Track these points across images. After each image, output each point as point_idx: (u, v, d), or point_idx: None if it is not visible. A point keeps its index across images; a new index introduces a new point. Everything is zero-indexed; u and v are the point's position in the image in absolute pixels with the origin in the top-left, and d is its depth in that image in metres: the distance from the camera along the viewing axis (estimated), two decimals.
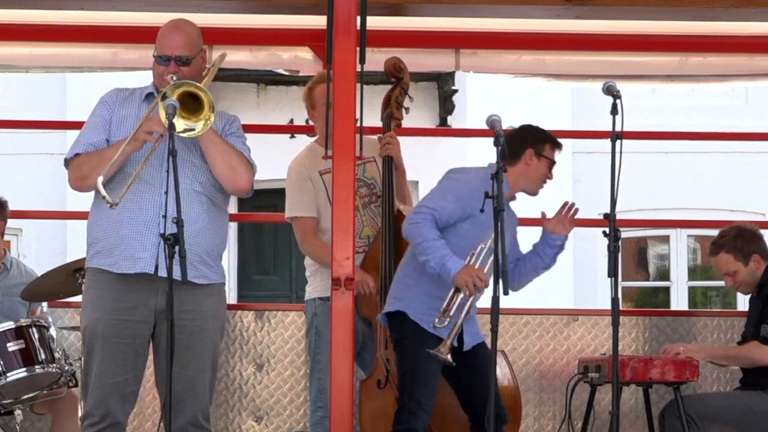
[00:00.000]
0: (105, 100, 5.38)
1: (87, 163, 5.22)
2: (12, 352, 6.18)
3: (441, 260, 5.46)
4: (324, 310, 6.08)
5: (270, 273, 14.37)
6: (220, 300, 5.38)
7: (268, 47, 7.41)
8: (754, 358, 6.34)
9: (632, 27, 7.17)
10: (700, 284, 14.81)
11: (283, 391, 7.10)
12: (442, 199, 5.62)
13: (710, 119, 13.05)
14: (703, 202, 13.92)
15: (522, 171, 5.79)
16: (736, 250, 6.52)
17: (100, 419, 5.18)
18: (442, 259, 5.46)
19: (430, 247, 5.49)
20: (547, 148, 5.83)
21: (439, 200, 5.63)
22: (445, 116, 13.86)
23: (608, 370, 6.07)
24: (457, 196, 5.61)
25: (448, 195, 5.64)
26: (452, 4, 6.45)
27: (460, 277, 5.43)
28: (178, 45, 5.26)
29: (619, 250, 5.11)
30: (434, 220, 5.56)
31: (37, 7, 6.81)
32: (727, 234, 6.60)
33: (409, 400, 5.58)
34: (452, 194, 5.64)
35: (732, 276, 6.56)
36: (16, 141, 13.24)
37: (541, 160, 5.81)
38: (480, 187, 5.31)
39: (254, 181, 5.36)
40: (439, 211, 5.57)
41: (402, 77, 6.40)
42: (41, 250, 13.27)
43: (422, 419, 5.59)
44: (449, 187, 5.70)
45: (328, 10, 5.66)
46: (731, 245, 6.53)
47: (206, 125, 5.08)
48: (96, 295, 5.24)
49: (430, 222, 5.55)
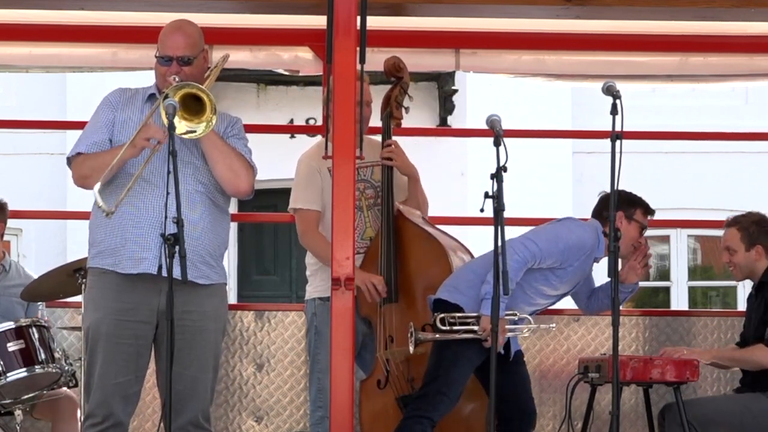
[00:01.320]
0: (109, 99, 5.38)
1: (87, 163, 5.23)
2: (12, 352, 6.18)
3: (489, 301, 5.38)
4: (323, 310, 6.08)
5: (270, 273, 14.36)
6: (222, 300, 5.38)
7: (268, 47, 7.41)
8: (760, 361, 6.33)
9: (632, 27, 7.17)
10: (700, 284, 14.81)
11: (283, 391, 7.10)
12: (551, 247, 5.80)
13: (710, 119, 13.05)
14: (703, 202, 13.92)
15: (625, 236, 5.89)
16: (747, 232, 6.54)
17: (103, 419, 5.18)
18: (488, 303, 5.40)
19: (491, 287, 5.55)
20: (638, 212, 6.05)
21: (546, 245, 5.79)
22: (445, 116, 13.85)
23: (608, 370, 6.07)
24: (564, 249, 5.83)
25: (558, 245, 5.83)
26: (452, 4, 6.45)
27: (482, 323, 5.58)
28: (180, 45, 5.26)
29: (619, 250, 5.11)
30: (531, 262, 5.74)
31: (37, 7, 6.81)
32: (749, 215, 6.66)
33: (436, 393, 5.65)
34: (561, 245, 5.83)
35: (730, 254, 6.57)
36: (16, 141, 13.24)
37: (631, 223, 6.02)
38: (587, 245, 5.77)
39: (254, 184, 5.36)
40: (538, 255, 5.76)
41: (402, 77, 6.38)
42: (41, 250, 13.27)
43: (440, 412, 5.64)
44: (562, 239, 5.86)
45: (328, 10, 5.65)
46: (745, 225, 6.56)
47: (208, 127, 5.07)
48: (98, 296, 5.24)
49: (529, 262, 5.73)
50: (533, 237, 5.85)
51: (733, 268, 6.60)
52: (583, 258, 5.88)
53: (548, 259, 5.79)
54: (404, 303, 6.02)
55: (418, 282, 6.01)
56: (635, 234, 6.04)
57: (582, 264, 5.89)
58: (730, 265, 6.61)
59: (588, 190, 6.11)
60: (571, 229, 5.94)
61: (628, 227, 6.01)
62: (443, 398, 5.64)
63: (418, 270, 6.02)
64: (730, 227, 6.60)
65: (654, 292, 15.05)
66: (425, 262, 6.03)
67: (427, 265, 6.03)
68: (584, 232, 5.92)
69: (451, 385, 5.66)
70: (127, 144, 5.11)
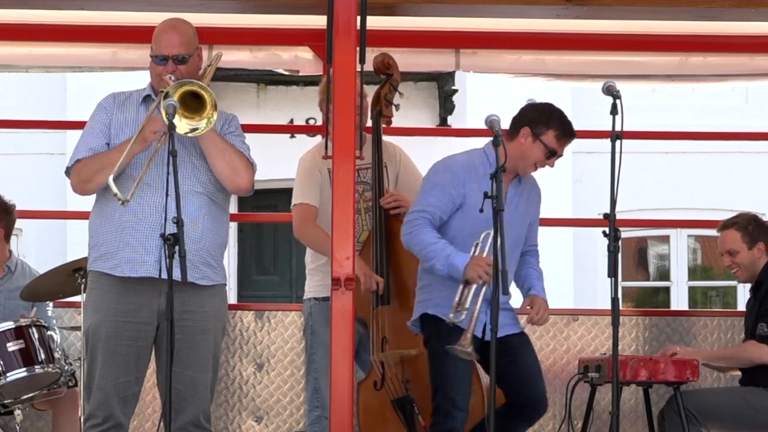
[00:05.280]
0: (102, 105, 5.36)
1: (89, 166, 5.21)
2: (12, 352, 6.18)
3: (446, 260, 5.40)
4: (319, 311, 6.09)
5: (270, 273, 14.36)
6: (222, 300, 5.38)
7: (268, 47, 7.41)
8: (751, 357, 6.34)
9: (632, 27, 7.17)
10: (700, 284, 14.81)
11: (283, 391, 7.10)
12: (429, 197, 5.51)
13: (710, 119, 13.05)
14: (703, 202, 13.92)
15: (515, 148, 5.54)
16: (746, 232, 6.53)
17: (103, 421, 5.18)
18: (447, 259, 5.39)
19: (431, 252, 5.44)
20: (549, 133, 5.55)
21: (425, 199, 5.52)
22: (445, 116, 13.86)
23: (608, 370, 6.06)
24: (441, 189, 5.49)
25: (433, 191, 5.52)
26: (452, 4, 6.44)
27: (470, 270, 5.32)
28: (175, 44, 5.25)
29: (619, 250, 5.10)
30: (428, 221, 5.47)
31: (37, 7, 6.81)
32: (742, 216, 6.64)
33: (443, 399, 5.49)
34: (436, 189, 5.51)
35: (732, 256, 6.56)
36: (16, 141, 13.24)
37: (536, 143, 5.56)
38: (461, 173, 5.28)
39: (254, 180, 5.36)
40: (429, 211, 5.48)
41: (391, 73, 6.32)
42: (41, 250, 13.26)
43: (459, 418, 5.48)
44: (431, 183, 5.57)
45: (328, 10, 5.65)
46: (743, 225, 6.55)
47: (209, 123, 5.07)
48: (98, 298, 5.24)
49: (425, 225, 5.46)
50: (414, 206, 5.51)
51: (737, 270, 6.59)
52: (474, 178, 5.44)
53: (440, 211, 5.44)
54: (397, 304, 6.01)
55: (410, 283, 5.97)
56: (539, 155, 5.51)
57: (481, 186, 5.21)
58: (733, 267, 6.59)
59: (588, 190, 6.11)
60: (435, 171, 5.54)
61: (532, 146, 5.51)
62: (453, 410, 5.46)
63: (410, 271, 5.97)
64: (727, 229, 6.59)
65: (654, 292, 15.06)
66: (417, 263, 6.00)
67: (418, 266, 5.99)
68: (445, 165, 5.54)
69: (455, 386, 5.49)
70: (135, 138, 5.08)
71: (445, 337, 5.38)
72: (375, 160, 6.19)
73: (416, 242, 5.48)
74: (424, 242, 5.46)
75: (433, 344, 5.54)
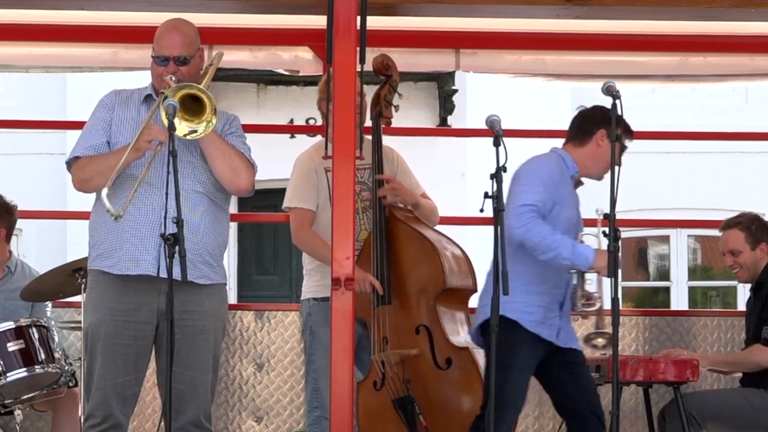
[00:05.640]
0: (104, 102, 5.37)
1: (89, 166, 5.22)
2: (12, 352, 6.18)
3: (572, 249, 5.35)
4: (318, 311, 6.08)
5: (270, 273, 14.36)
6: (222, 300, 5.38)
7: (268, 47, 7.41)
8: (758, 360, 6.33)
9: (632, 27, 7.17)
10: (700, 284, 14.81)
11: (283, 391, 7.10)
12: (534, 193, 5.44)
13: (710, 119, 13.05)
14: (703, 202, 13.92)
15: (592, 152, 5.59)
16: (749, 232, 6.53)
17: (102, 420, 5.18)
18: (573, 248, 5.35)
19: (555, 241, 5.36)
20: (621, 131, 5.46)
21: (531, 194, 5.43)
22: (445, 116, 13.85)
23: (608, 370, 6.07)
24: (544, 185, 5.46)
25: (537, 186, 5.46)
26: (452, 4, 6.44)
27: (600, 260, 5.31)
28: (177, 45, 5.25)
29: (619, 250, 5.10)
30: (539, 215, 5.40)
31: (37, 7, 6.81)
32: (745, 215, 6.64)
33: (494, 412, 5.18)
34: (539, 184, 5.46)
35: (735, 256, 6.55)
36: (16, 141, 13.24)
37: None
38: (556, 171, 5.37)
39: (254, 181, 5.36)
40: (538, 206, 5.41)
41: (390, 74, 6.31)
42: (41, 250, 13.26)
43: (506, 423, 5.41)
44: (533, 178, 5.49)
45: (328, 10, 5.65)
46: (747, 225, 6.55)
47: (208, 127, 5.07)
48: (98, 297, 5.24)
49: (539, 218, 5.39)
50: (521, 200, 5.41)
51: (739, 270, 6.59)
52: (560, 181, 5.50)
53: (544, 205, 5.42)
54: (398, 304, 6.00)
55: (410, 283, 5.97)
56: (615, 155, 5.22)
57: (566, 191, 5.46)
58: (735, 267, 6.59)
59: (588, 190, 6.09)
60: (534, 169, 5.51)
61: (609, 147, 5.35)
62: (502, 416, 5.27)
63: (410, 270, 5.98)
64: (730, 229, 6.59)
65: (654, 292, 15.06)
66: (417, 262, 5.99)
67: (419, 265, 5.98)
68: (541, 162, 5.53)
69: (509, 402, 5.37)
70: (130, 147, 5.08)
71: (519, 346, 5.37)
72: (375, 161, 6.19)
73: (534, 234, 5.37)
74: (543, 233, 5.37)
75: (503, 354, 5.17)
